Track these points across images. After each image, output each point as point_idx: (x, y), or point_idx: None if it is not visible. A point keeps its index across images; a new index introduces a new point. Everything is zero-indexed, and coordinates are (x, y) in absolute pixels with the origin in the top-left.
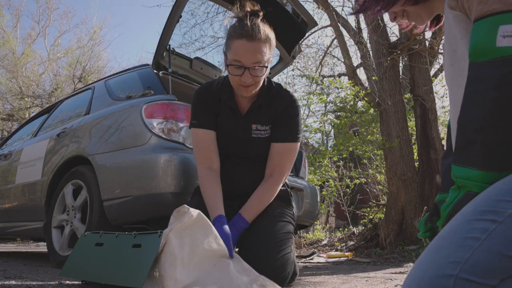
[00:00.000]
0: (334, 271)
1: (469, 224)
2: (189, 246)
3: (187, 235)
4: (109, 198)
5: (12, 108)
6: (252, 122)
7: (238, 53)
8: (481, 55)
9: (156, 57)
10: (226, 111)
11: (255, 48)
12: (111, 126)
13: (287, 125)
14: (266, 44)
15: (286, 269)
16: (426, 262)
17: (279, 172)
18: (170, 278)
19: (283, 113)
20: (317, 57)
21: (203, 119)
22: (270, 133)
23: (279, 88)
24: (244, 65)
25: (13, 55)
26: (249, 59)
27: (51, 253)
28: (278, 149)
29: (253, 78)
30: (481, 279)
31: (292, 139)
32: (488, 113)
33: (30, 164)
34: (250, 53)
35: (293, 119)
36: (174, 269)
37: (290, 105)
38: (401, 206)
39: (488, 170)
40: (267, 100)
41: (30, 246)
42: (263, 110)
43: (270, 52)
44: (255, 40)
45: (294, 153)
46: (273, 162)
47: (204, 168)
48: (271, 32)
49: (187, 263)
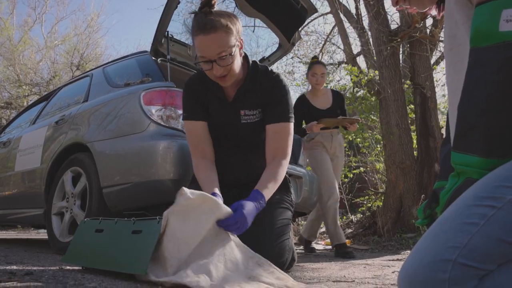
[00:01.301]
0: (332, 258)
1: (468, 209)
2: (193, 227)
3: (191, 217)
4: (108, 185)
5: (10, 96)
6: (240, 108)
7: (200, 49)
8: (483, 40)
9: (155, 44)
10: (214, 100)
11: (213, 40)
12: (109, 113)
13: (277, 106)
14: (225, 32)
15: (285, 255)
16: (424, 247)
17: (282, 153)
18: (174, 258)
19: (271, 95)
20: (317, 45)
21: (192, 111)
22: (260, 117)
23: (265, 70)
24: (210, 59)
25: (10, 43)
26: (212, 52)
27: (52, 239)
28: (273, 130)
29: (224, 68)
30: (479, 264)
31: (285, 119)
32: (490, 97)
33: (29, 151)
34: (210, 46)
35: (281, 99)
36: (178, 250)
37: (276, 85)
38: (399, 194)
39: (488, 157)
40: (253, 84)
41: (31, 233)
42: (250, 95)
43: (234, 38)
44: (211, 32)
45: (289, 133)
46: (272, 145)
47: (198, 158)
48: (229, 19)
49: (191, 244)
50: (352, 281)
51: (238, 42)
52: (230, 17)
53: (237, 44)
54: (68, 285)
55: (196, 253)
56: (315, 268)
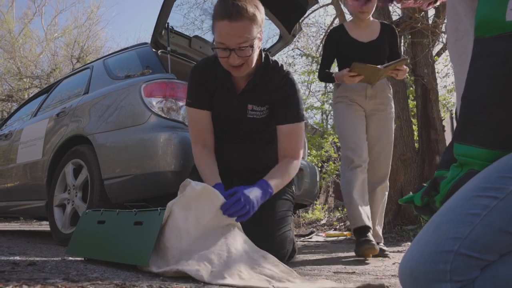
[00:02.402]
0: (332, 250)
1: (470, 200)
2: (195, 218)
3: (193, 207)
4: (109, 177)
5: (11, 88)
6: (248, 102)
7: (221, 35)
8: (488, 30)
9: (155, 36)
10: (222, 89)
11: (238, 28)
12: (110, 105)
13: (287, 106)
14: (251, 22)
15: (285, 246)
16: (425, 239)
17: (293, 154)
18: (176, 249)
19: (281, 93)
20: (318, 36)
21: (198, 99)
22: (267, 114)
23: (275, 65)
24: (229, 47)
25: (11, 35)
26: (233, 40)
27: (54, 231)
28: (285, 131)
29: (241, 58)
30: (481, 255)
31: (297, 119)
32: (494, 90)
33: (31, 144)
34: (233, 34)
35: (292, 98)
36: (180, 240)
37: (286, 83)
38: (400, 186)
39: (492, 149)
40: (264, 79)
41: (33, 225)
42: (259, 90)
43: (257, 29)
44: (238, 20)
45: (302, 132)
46: (283, 146)
47: (198, 146)
48: (257, 9)
49: (194, 234)
50: (353, 272)
51: (260, 34)
52: (257, 6)
53: (259, 36)
54: (70, 275)
55: (198, 243)
56: (316, 259)
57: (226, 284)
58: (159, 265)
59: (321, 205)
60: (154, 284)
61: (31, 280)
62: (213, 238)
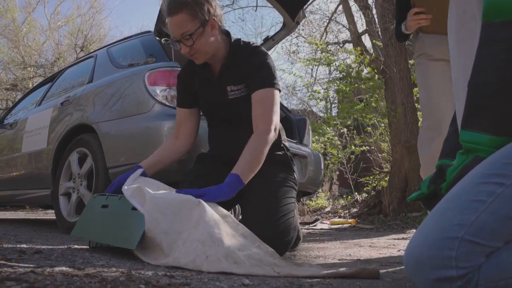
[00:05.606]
0: (337, 237)
1: (476, 187)
2: (159, 196)
3: (149, 190)
4: (114, 165)
5: (15, 78)
6: (226, 84)
7: (169, 30)
8: (498, 15)
9: (158, 24)
10: (203, 81)
11: (176, 21)
12: (114, 94)
13: (258, 73)
14: (186, 13)
15: (290, 234)
16: (430, 225)
17: (264, 122)
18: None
19: (250, 63)
20: (322, 24)
21: (180, 99)
22: (246, 92)
23: (245, 44)
24: (176, 39)
25: (14, 24)
26: (176, 32)
27: (59, 219)
28: (255, 98)
29: (190, 47)
30: (486, 241)
31: (267, 84)
32: (502, 76)
33: (36, 132)
34: (174, 27)
35: (261, 65)
36: (158, 223)
37: (254, 53)
38: (404, 173)
39: (499, 135)
40: (235, 60)
41: (39, 213)
42: (233, 70)
43: (199, 18)
44: (174, 14)
45: (274, 100)
46: (255, 113)
47: (171, 138)
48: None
49: (166, 210)
50: (358, 259)
51: (208, 21)
52: None
53: (207, 23)
54: (76, 263)
55: (178, 217)
56: (320, 247)
57: (227, 272)
58: (157, 257)
59: (325, 193)
60: (159, 271)
61: (37, 268)
62: (187, 213)
